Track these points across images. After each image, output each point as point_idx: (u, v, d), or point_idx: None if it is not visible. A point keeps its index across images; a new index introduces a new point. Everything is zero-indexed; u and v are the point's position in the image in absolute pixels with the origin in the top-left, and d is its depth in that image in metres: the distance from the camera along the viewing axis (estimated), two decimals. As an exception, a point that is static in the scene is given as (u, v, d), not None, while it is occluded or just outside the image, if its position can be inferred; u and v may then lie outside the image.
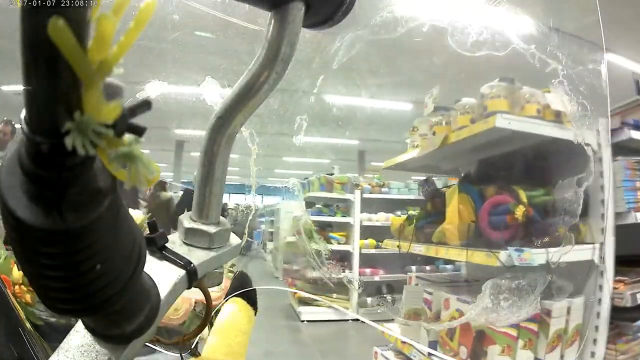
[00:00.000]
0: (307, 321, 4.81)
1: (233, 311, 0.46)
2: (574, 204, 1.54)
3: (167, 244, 0.37)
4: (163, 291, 0.34)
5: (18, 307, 0.54)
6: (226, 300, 0.47)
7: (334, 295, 4.74)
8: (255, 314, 0.48)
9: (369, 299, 4.81)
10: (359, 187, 5.01)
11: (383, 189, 5.18)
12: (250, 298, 0.48)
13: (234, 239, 0.43)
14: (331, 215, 5.09)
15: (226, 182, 0.41)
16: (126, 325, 0.30)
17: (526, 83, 1.79)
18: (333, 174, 5.29)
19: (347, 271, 4.75)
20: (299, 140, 2.51)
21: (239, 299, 0.47)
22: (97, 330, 0.31)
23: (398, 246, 2.29)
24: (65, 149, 0.19)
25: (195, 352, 0.53)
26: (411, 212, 5.00)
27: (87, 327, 0.32)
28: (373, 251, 4.94)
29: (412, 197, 5.17)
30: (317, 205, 5.29)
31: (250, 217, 2.79)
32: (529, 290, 1.56)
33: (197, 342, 0.57)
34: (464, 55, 1.59)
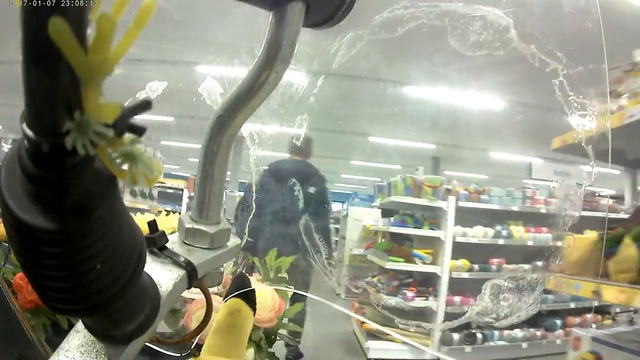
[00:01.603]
0: (376, 360, 3.72)
1: (232, 311, 0.46)
2: (575, 205, 1.51)
3: (167, 244, 0.37)
4: (163, 291, 0.34)
5: (18, 307, 0.54)
6: (225, 301, 0.47)
7: (412, 328, 3.70)
8: (254, 314, 0.48)
9: (455, 335, 3.80)
10: (454, 193, 3.85)
11: (482, 197, 3.92)
12: (249, 298, 0.48)
13: (234, 239, 0.43)
14: (417, 227, 3.89)
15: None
16: (126, 325, 0.30)
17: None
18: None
19: (430, 299, 3.87)
20: (299, 140, 2.50)
21: (238, 299, 0.47)
22: (97, 330, 0.31)
23: (595, 292, 1.31)
24: (66, 148, 0.19)
25: (195, 352, 0.53)
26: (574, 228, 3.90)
27: (87, 327, 0.32)
28: (465, 275, 3.83)
29: (515, 208, 3.99)
30: (398, 213, 4.11)
31: (250, 217, 2.78)
32: (529, 290, 1.51)
33: (196, 342, 0.57)
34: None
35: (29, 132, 0.19)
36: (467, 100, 4.70)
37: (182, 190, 5.21)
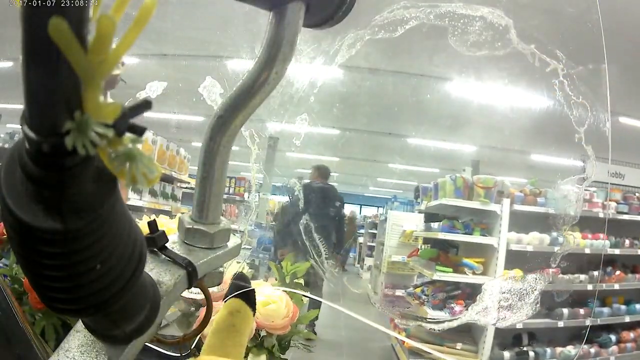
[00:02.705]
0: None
1: (232, 311, 0.46)
2: (575, 204, 1.50)
3: (167, 244, 0.37)
4: (163, 291, 0.34)
5: (18, 306, 0.54)
6: (225, 301, 0.47)
7: (458, 346, 3.38)
8: (254, 314, 0.48)
9: (505, 353, 3.44)
10: (509, 195, 3.43)
11: (539, 199, 3.44)
12: (249, 299, 0.48)
13: (234, 239, 0.43)
14: (468, 233, 3.47)
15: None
16: (126, 325, 0.30)
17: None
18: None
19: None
20: (299, 140, 2.50)
21: (237, 300, 0.47)
22: (97, 330, 0.31)
23: None
24: (66, 148, 0.19)
25: (194, 352, 0.53)
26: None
27: (87, 327, 0.32)
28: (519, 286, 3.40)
29: (575, 213, 3.41)
30: (443, 217, 3.73)
31: (251, 217, 2.78)
32: (529, 291, 1.52)
33: (196, 342, 0.57)
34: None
35: (29, 132, 0.19)
36: (509, 98, 4.31)
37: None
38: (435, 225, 3.78)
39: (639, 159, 4.29)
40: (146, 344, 0.36)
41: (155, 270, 0.35)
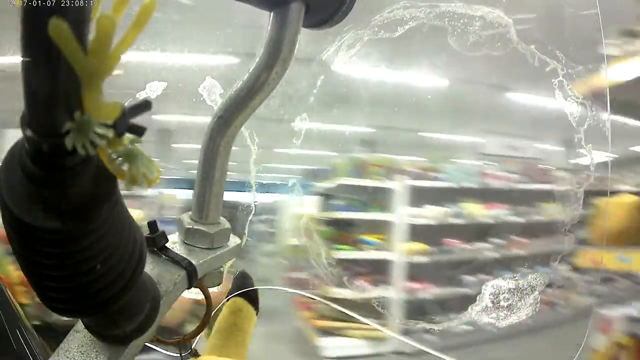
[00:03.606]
0: (332, 359, 3.36)
1: (234, 310, 0.46)
2: (575, 204, 1.50)
3: (167, 244, 0.37)
4: (163, 291, 0.34)
5: (18, 306, 0.54)
6: (227, 300, 0.47)
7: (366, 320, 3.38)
8: (257, 314, 0.48)
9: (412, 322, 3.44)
10: (404, 172, 3.57)
11: (435, 175, 3.67)
12: (252, 298, 0.48)
13: (234, 239, 0.43)
14: (365, 211, 3.58)
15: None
16: (126, 325, 0.30)
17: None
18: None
19: (382, 287, 3.54)
20: (298, 141, 2.49)
21: (239, 299, 0.47)
22: (97, 330, 0.31)
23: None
24: (66, 149, 0.19)
25: (195, 352, 0.53)
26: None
27: (87, 327, 0.32)
28: (424, 259, 3.53)
29: (473, 185, 3.69)
30: (341, 198, 3.78)
31: (250, 217, 2.79)
32: (529, 290, 1.51)
33: (197, 342, 0.57)
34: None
35: (29, 132, 0.19)
36: (407, 78, 4.12)
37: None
38: (332, 205, 3.81)
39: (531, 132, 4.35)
40: (146, 344, 0.36)
41: (155, 270, 0.35)
